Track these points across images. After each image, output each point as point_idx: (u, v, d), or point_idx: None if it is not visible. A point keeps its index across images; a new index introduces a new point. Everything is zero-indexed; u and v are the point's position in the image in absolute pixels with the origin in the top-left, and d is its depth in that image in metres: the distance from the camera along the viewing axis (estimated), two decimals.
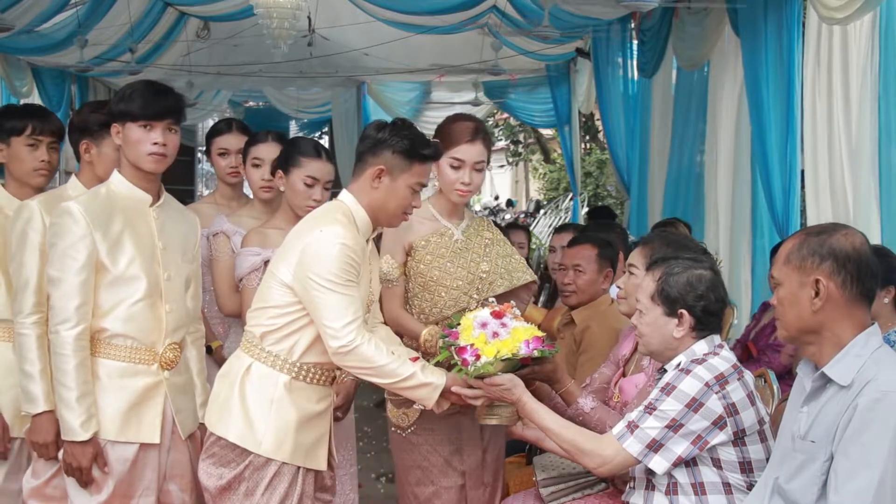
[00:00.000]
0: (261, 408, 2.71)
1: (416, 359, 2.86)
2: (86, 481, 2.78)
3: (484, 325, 2.79)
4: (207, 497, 2.78)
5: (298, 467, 2.74)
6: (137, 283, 2.85)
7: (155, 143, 2.86)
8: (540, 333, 2.84)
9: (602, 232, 4.51)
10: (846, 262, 2.20)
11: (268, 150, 3.59)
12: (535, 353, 2.78)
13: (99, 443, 2.78)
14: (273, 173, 3.50)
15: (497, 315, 2.82)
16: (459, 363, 2.74)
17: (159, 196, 2.98)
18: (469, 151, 3.14)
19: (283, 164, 3.42)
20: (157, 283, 2.89)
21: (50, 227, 2.85)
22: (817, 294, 2.22)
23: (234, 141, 3.83)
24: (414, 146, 2.77)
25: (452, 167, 3.14)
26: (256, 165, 3.62)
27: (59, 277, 2.77)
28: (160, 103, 2.87)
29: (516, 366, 2.79)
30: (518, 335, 2.78)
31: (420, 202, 2.87)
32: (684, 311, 2.62)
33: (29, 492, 2.99)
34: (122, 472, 2.82)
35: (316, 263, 2.65)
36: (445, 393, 2.77)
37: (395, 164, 2.76)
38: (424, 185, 2.84)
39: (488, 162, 3.24)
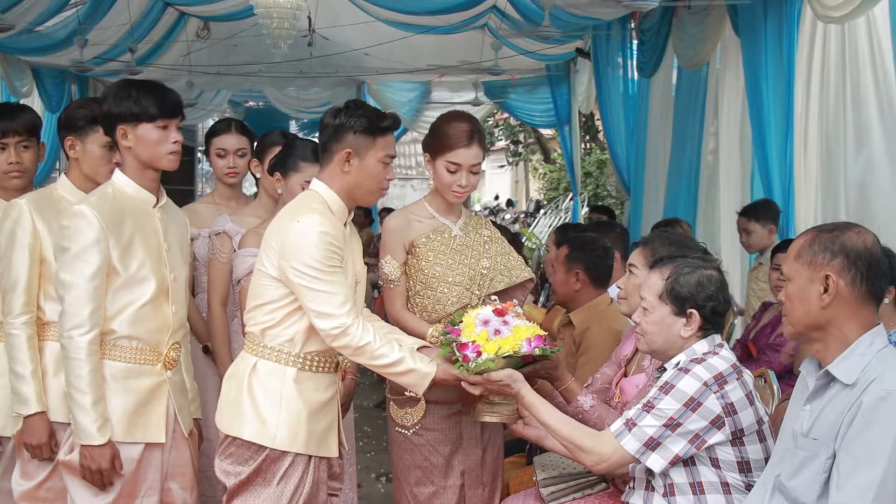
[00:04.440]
0: (271, 403, 2.73)
1: (422, 347, 2.89)
2: (106, 483, 2.78)
3: (486, 322, 2.81)
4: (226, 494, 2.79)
5: (311, 456, 2.77)
6: (147, 285, 2.84)
7: (175, 143, 2.86)
8: (542, 332, 2.86)
9: (602, 232, 4.51)
10: (857, 259, 2.20)
11: None
12: (537, 352, 2.79)
13: (115, 444, 2.78)
14: (271, 173, 3.50)
15: (499, 313, 2.84)
16: (460, 359, 2.75)
17: (160, 196, 2.97)
18: (466, 155, 3.13)
19: (282, 167, 3.41)
20: (164, 285, 2.89)
21: (61, 230, 2.80)
22: (826, 290, 2.22)
23: (232, 141, 3.82)
24: (372, 122, 2.79)
25: (449, 171, 3.14)
26: None
27: (71, 282, 2.74)
28: (172, 101, 2.87)
29: (517, 363, 2.80)
30: (520, 333, 2.79)
31: (393, 174, 2.89)
32: (694, 311, 2.62)
33: (21, 494, 2.97)
34: (128, 472, 2.81)
35: (299, 253, 2.67)
36: (437, 381, 2.79)
37: (360, 144, 2.78)
38: (393, 156, 2.86)
39: (483, 159, 3.25)
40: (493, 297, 3.12)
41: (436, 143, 3.16)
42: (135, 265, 2.82)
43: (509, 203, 20.20)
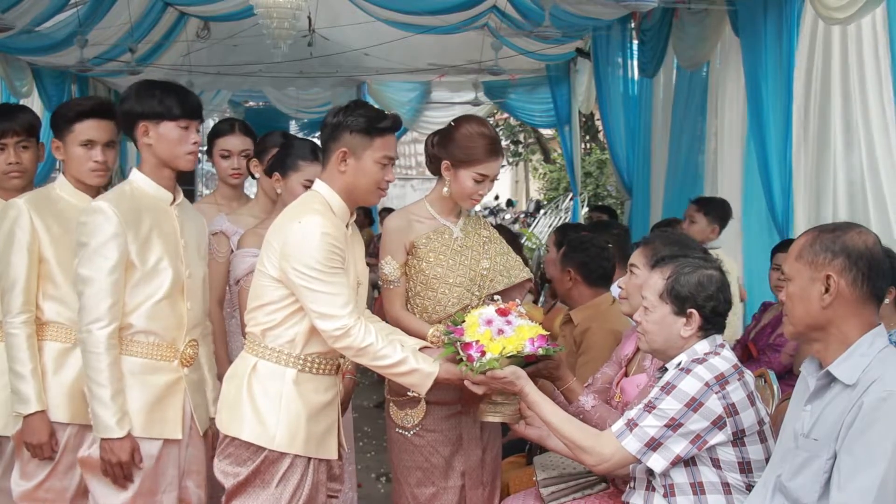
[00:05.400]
0: (271, 404, 2.73)
1: (424, 348, 2.88)
2: (126, 476, 2.78)
3: (489, 322, 2.81)
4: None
5: (310, 458, 2.77)
6: (163, 280, 2.85)
7: (195, 143, 2.88)
8: (544, 332, 2.86)
9: (601, 231, 4.51)
10: (858, 259, 2.20)
11: None
12: (540, 352, 2.80)
13: (134, 438, 2.78)
14: (269, 174, 3.50)
15: (502, 312, 2.84)
16: (465, 359, 2.75)
17: (176, 195, 2.98)
18: (493, 167, 3.18)
19: (281, 167, 3.41)
20: (180, 281, 2.90)
21: (80, 226, 2.81)
22: (827, 290, 2.22)
23: (236, 142, 3.83)
24: (370, 122, 2.78)
25: (476, 181, 3.17)
26: None
27: (90, 276, 2.75)
28: (194, 103, 2.89)
29: (520, 363, 2.80)
30: (523, 333, 2.80)
31: (393, 176, 2.87)
32: (694, 311, 2.62)
33: (20, 495, 2.98)
34: (147, 468, 2.82)
35: (300, 254, 2.67)
36: (440, 381, 2.79)
37: (357, 144, 2.78)
38: (393, 158, 2.84)
39: None
40: (496, 297, 3.12)
41: (461, 155, 3.16)
42: (153, 259, 2.83)
43: (509, 203, 20.18)
